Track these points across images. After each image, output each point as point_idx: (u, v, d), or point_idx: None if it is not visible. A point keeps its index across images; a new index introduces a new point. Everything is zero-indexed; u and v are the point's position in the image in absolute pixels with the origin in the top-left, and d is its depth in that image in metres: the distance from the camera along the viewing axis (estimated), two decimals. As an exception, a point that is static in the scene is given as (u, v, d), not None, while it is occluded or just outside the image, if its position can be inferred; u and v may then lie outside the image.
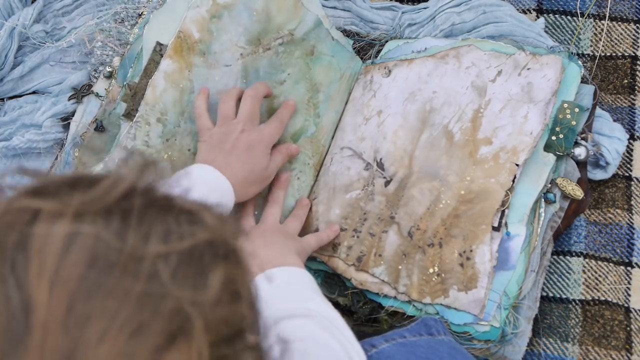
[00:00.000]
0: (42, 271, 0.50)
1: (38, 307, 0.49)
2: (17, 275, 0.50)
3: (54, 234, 0.51)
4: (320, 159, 1.19)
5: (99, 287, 0.51)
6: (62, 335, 0.49)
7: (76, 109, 1.19)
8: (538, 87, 1.10)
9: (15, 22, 1.21)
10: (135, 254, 0.52)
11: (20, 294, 0.50)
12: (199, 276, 0.54)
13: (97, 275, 0.51)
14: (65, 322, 0.49)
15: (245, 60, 1.17)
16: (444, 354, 0.95)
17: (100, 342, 0.49)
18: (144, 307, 0.51)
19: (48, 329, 0.49)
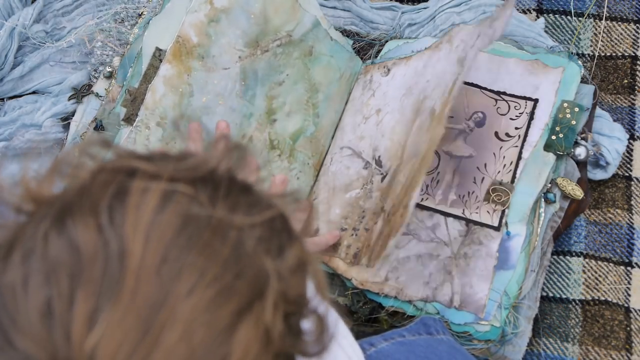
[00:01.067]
0: (138, 223, 0.53)
1: (132, 256, 0.52)
2: (115, 224, 0.53)
3: (152, 190, 0.54)
4: (320, 159, 1.19)
5: (191, 244, 0.53)
6: (154, 285, 0.52)
7: (76, 109, 1.19)
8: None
9: (15, 22, 1.21)
10: (224, 220, 0.55)
11: (117, 241, 0.52)
12: (278, 249, 0.57)
13: (190, 233, 0.54)
14: (158, 273, 0.52)
15: (243, 63, 1.17)
16: (443, 353, 0.95)
17: (189, 295, 0.52)
18: (231, 269, 0.54)
19: (141, 278, 0.52)
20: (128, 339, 0.50)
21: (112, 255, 0.52)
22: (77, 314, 0.51)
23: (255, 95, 1.17)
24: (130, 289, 0.51)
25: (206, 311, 0.52)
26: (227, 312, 0.53)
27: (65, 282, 0.51)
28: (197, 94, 1.15)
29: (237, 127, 1.16)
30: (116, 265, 0.52)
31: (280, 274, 0.56)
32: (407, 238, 1.11)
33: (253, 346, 0.53)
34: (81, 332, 0.50)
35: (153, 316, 0.51)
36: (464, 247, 1.09)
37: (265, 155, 1.16)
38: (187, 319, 0.51)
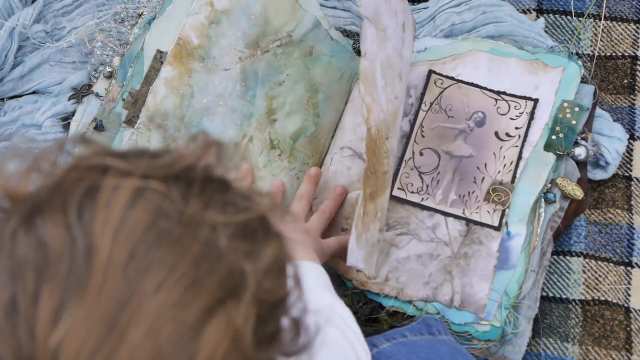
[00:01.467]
0: (107, 220, 0.53)
1: (100, 252, 0.52)
2: (84, 221, 0.53)
3: (123, 187, 0.54)
4: (320, 159, 1.19)
5: (160, 240, 0.53)
6: (121, 282, 0.51)
7: (76, 109, 1.19)
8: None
9: (15, 22, 1.21)
10: (196, 218, 0.55)
11: (84, 238, 0.52)
12: (253, 248, 0.57)
13: (160, 230, 0.53)
14: (125, 270, 0.52)
15: (244, 64, 1.17)
16: (445, 354, 0.95)
17: (157, 292, 0.52)
18: (201, 266, 0.53)
19: (108, 274, 0.51)
20: (93, 336, 0.50)
21: (79, 251, 0.52)
22: (41, 311, 0.51)
23: (256, 95, 1.18)
24: (96, 285, 0.51)
25: (174, 307, 0.52)
26: (196, 309, 0.52)
27: (30, 278, 0.52)
28: (198, 95, 1.15)
29: (237, 128, 1.16)
30: (82, 262, 0.52)
31: (253, 272, 0.55)
32: (408, 238, 1.11)
33: (222, 345, 0.53)
34: (45, 329, 0.50)
35: (119, 313, 0.51)
36: (464, 247, 1.10)
37: (266, 155, 1.16)
38: (154, 316, 0.51)
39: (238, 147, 1.16)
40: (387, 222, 1.13)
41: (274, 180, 1.14)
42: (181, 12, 1.17)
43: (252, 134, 1.16)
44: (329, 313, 0.90)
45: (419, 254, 1.10)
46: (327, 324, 0.88)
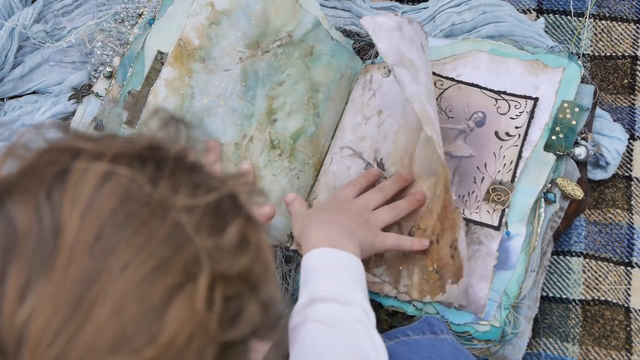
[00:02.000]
0: (75, 201, 0.54)
1: (67, 232, 0.53)
2: (52, 202, 0.54)
3: (92, 170, 0.55)
4: (320, 159, 1.19)
5: (127, 222, 0.54)
6: (87, 261, 0.52)
7: (76, 109, 1.19)
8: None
9: (15, 22, 1.21)
10: (164, 201, 0.56)
11: (52, 218, 0.53)
12: (219, 227, 0.57)
13: (127, 212, 0.54)
14: (92, 249, 0.53)
15: (244, 64, 1.17)
16: (447, 354, 0.95)
17: (122, 271, 0.52)
18: (168, 247, 0.54)
19: (74, 253, 0.52)
20: (58, 314, 0.51)
21: (46, 231, 0.53)
22: (8, 288, 0.51)
23: (256, 95, 1.18)
24: (62, 264, 0.52)
25: (139, 286, 0.52)
26: (161, 288, 0.53)
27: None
28: (199, 95, 1.15)
29: (238, 128, 1.16)
30: (50, 241, 0.52)
31: (217, 253, 0.56)
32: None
33: (186, 325, 0.53)
34: (12, 306, 0.51)
35: (84, 292, 0.52)
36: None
37: (266, 155, 1.16)
38: (119, 295, 0.52)
39: (239, 147, 1.16)
40: (387, 222, 1.13)
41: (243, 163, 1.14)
42: (182, 13, 1.17)
43: (253, 134, 1.16)
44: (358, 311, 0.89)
45: (419, 254, 1.10)
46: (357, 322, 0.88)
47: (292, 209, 1.09)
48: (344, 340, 0.86)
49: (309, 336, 0.86)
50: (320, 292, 0.89)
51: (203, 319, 0.54)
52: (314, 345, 0.85)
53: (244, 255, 0.58)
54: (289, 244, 1.15)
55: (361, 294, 0.93)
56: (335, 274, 0.93)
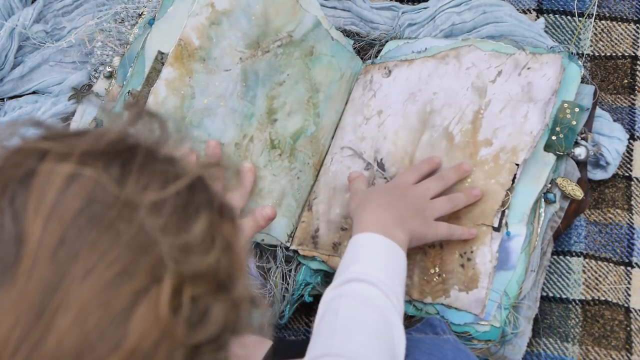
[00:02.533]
0: (39, 205, 0.52)
1: (30, 238, 0.51)
2: (15, 208, 0.52)
3: (57, 172, 0.53)
4: (321, 159, 1.19)
5: (91, 226, 0.52)
6: (50, 267, 0.51)
7: (76, 109, 1.19)
8: (538, 86, 1.10)
9: (15, 22, 1.21)
10: (131, 201, 0.54)
11: (14, 225, 0.52)
12: (186, 223, 0.55)
13: (91, 215, 0.53)
14: (55, 255, 0.51)
15: (244, 64, 1.17)
16: (448, 352, 0.95)
17: (86, 277, 0.51)
18: (132, 251, 0.52)
19: (37, 260, 0.51)
20: (21, 323, 0.50)
21: (8, 239, 0.52)
22: None
23: (256, 95, 1.18)
24: (25, 272, 0.51)
25: (103, 292, 0.51)
26: (126, 292, 0.52)
27: None
28: (199, 95, 1.15)
29: (238, 128, 1.16)
30: (12, 249, 0.51)
31: (182, 253, 0.54)
32: (408, 238, 1.11)
33: (151, 331, 0.52)
34: None
35: (47, 299, 0.50)
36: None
37: (266, 155, 1.16)
38: (83, 302, 0.51)
39: (239, 147, 1.16)
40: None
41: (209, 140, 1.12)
42: (182, 13, 1.17)
43: (253, 134, 1.16)
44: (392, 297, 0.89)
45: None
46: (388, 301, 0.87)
47: (353, 186, 1.09)
48: (378, 324, 0.85)
49: (344, 311, 0.85)
50: (364, 275, 0.89)
51: (168, 323, 0.52)
52: (347, 320, 0.84)
53: (211, 252, 0.56)
54: (289, 244, 1.15)
55: (399, 287, 0.93)
56: (382, 264, 0.93)
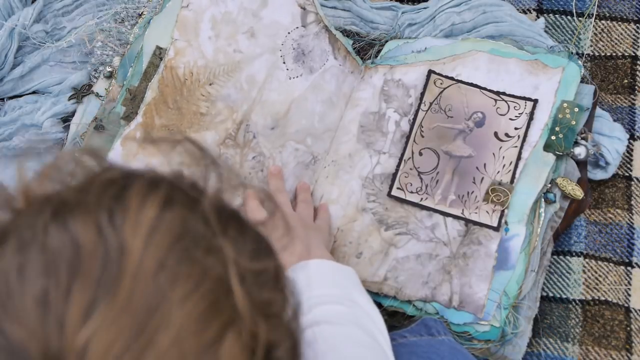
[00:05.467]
0: (137, 226, 0.53)
1: (131, 257, 0.52)
2: (115, 224, 0.53)
3: (152, 196, 0.55)
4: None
5: (186, 257, 0.54)
6: (151, 287, 0.52)
7: (76, 109, 1.20)
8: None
9: (15, 22, 1.21)
10: (214, 243, 0.56)
11: (116, 240, 0.53)
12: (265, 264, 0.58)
13: (185, 247, 0.54)
14: (155, 277, 0.52)
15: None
16: (445, 353, 0.95)
17: (183, 304, 0.52)
18: (221, 287, 0.54)
19: (139, 278, 0.52)
20: (122, 337, 0.50)
21: (111, 252, 0.52)
22: (72, 306, 0.51)
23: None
24: (127, 288, 0.51)
25: (197, 321, 0.53)
26: (215, 324, 0.53)
27: (64, 273, 0.52)
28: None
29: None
30: (115, 263, 0.52)
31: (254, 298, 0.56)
32: (407, 238, 1.11)
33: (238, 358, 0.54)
34: (75, 325, 0.50)
35: (148, 318, 0.51)
36: (463, 247, 1.10)
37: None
38: (180, 325, 0.52)
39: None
40: (387, 222, 1.13)
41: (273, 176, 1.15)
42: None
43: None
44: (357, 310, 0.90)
45: (418, 254, 1.10)
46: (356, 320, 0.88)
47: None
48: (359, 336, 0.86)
49: (320, 337, 0.86)
50: (316, 298, 0.90)
51: (251, 353, 0.55)
52: (326, 344, 0.85)
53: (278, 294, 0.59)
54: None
55: (355, 291, 0.94)
56: (325, 281, 0.95)
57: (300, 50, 1.19)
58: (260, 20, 1.18)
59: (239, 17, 1.18)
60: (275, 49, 1.18)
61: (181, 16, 1.17)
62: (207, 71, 1.16)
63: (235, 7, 1.18)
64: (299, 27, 1.19)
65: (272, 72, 1.18)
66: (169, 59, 1.15)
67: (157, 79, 1.14)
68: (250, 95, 1.17)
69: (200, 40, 1.17)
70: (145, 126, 1.13)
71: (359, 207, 1.14)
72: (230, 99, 1.16)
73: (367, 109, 1.19)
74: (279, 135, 1.17)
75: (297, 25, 1.19)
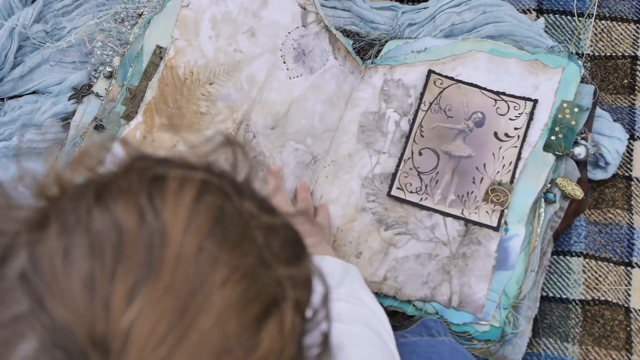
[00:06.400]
0: (177, 210, 0.54)
1: (172, 239, 0.53)
2: (155, 207, 0.54)
3: (190, 179, 0.55)
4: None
5: (224, 240, 0.54)
6: (192, 270, 0.53)
7: (76, 109, 1.20)
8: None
9: (15, 22, 1.21)
10: (253, 221, 0.56)
11: (157, 223, 0.53)
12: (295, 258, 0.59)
13: (223, 230, 0.55)
14: (197, 260, 0.53)
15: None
16: (445, 353, 0.95)
17: (223, 286, 0.53)
18: (256, 272, 0.55)
19: (180, 262, 0.52)
20: (165, 319, 0.51)
21: (153, 235, 0.53)
22: (117, 288, 0.51)
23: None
24: (169, 270, 0.52)
25: (237, 302, 0.53)
26: (255, 307, 0.54)
27: (109, 255, 0.52)
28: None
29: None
30: (157, 246, 0.53)
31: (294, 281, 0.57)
32: (406, 238, 1.11)
33: (276, 343, 0.54)
34: (120, 307, 0.51)
35: (190, 300, 0.52)
36: (463, 247, 1.10)
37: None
38: (221, 307, 0.52)
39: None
40: (386, 222, 1.13)
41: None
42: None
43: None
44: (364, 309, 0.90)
45: (418, 254, 1.10)
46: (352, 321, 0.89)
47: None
48: (366, 335, 0.86)
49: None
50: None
51: (288, 339, 0.55)
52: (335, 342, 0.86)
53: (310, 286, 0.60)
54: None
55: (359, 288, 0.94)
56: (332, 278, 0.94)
57: (301, 50, 1.19)
58: (260, 20, 1.18)
59: (239, 16, 1.18)
60: (275, 48, 1.18)
61: (181, 15, 1.17)
62: (207, 71, 1.16)
63: (236, 7, 1.18)
64: (299, 27, 1.20)
65: (273, 72, 1.18)
66: (169, 58, 1.16)
67: (158, 78, 1.15)
68: (251, 95, 1.17)
69: (200, 39, 1.17)
70: (145, 125, 1.14)
71: (359, 207, 1.14)
72: (231, 99, 1.16)
73: (367, 109, 1.19)
74: (279, 135, 1.17)
75: (298, 25, 1.19)
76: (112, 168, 0.58)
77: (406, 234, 1.12)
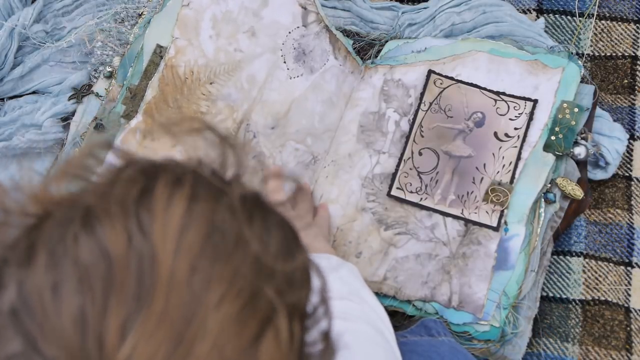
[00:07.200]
0: (166, 230, 0.52)
1: (163, 264, 0.51)
2: (144, 229, 0.51)
3: (178, 194, 0.53)
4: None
5: (217, 255, 0.52)
6: (186, 295, 0.51)
7: (76, 109, 1.20)
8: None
9: (15, 22, 1.21)
10: (244, 233, 0.54)
11: (146, 247, 0.51)
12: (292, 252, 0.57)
13: (215, 245, 0.53)
14: (189, 283, 0.51)
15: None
16: (445, 353, 0.95)
17: (219, 306, 0.51)
18: (252, 282, 0.53)
19: (172, 287, 0.50)
20: (161, 351, 0.49)
21: (143, 262, 0.51)
22: (110, 324, 0.49)
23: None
24: (162, 298, 0.50)
25: (234, 322, 0.51)
26: (253, 322, 0.52)
27: (99, 289, 0.50)
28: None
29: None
30: (147, 273, 0.50)
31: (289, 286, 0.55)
32: (406, 237, 1.11)
33: (275, 358, 0.53)
34: (114, 343, 0.49)
35: (185, 327, 0.50)
36: (463, 247, 1.10)
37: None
38: (218, 330, 0.51)
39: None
40: (386, 222, 1.13)
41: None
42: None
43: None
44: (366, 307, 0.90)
45: (418, 254, 1.10)
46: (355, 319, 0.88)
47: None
48: (369, 333, 0.86)
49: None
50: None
51: (287, 352, 0.54)
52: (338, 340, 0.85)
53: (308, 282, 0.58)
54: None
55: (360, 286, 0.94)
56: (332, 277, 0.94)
57: (301, 50, 1.19)
58: (260, 19, 1.18)
59: (240, 16, 1.18)
60: (275, 48, 1.19)
61: (182, 15, 1.17)
62: (207, 70, 1.16)
63: (236, 6, 1.18)
64: (299, 26, 1.20)
65: (273, 72, 1.18)
66: (169, 58, 1.16)
67: (158, 78, 1.15)
68: (251, 95, 1.17)
69: (200, 39, 1.17)
70: (146, 125, 1.14)
71: (359, 206, 1.14)
72: (231, 98, 1.16)
73: (367, 109, 1.19)
74: (279, 134, 1.17)
75: (298, 24, 1.20)
76: (98, 179, 0.55)
77: (406, 233, 1.12)
